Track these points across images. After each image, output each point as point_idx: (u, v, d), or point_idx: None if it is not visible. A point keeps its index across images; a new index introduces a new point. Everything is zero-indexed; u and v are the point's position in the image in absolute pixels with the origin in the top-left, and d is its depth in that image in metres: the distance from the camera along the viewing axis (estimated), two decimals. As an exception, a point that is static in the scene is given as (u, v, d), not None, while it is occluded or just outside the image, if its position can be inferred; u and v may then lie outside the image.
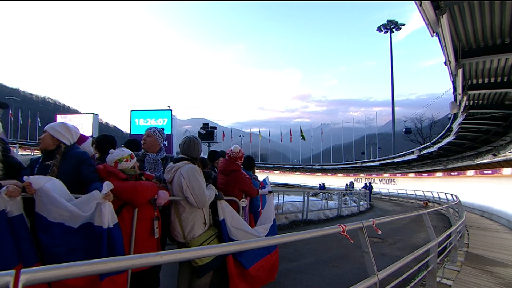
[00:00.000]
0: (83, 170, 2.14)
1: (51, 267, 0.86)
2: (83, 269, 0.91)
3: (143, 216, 2.26)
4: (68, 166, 2.12)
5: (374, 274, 2.10)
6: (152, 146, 2.98)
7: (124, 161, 2.30)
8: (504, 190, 14.54)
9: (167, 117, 29.96)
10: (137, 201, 2.16)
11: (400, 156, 24.03)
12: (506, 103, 8.29)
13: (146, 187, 2.22)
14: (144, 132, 3.02)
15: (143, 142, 3.00)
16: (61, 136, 2.20)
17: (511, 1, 3.82)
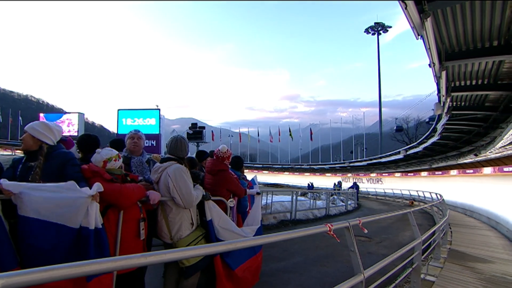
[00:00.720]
0: (68, 170, 2.07)
1: (29, 271, 0.83)
2: (63, 272, 0.89)
3: (129, 217, 2.22)
4: (52, 167, 2.04)
5: (360, 272, 2.13)
6: (140, 149, 2.94)
7: (113, 161, 2.26)
8: (484, 189, 15.04)
9: (155, 117, 29.58)
10: (122, 204, 2.11)
11: (387, 156, 24.49)
12: (486, 105, 8.57)
13: (131, 190, 2.17)
14: (132, 134, 2.92)
15: (134, 144, 2.90)
16: (43, 136, 2.11)
17: (490, 8, 3.95)
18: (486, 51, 5.09)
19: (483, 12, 4.10)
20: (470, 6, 4.00)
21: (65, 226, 1.77)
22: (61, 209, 1.78)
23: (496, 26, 4.40)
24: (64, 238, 1.77)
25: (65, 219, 1.78)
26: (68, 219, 1.79)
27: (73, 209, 1.80)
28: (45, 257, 1.71)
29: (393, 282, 3.66)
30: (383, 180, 28.47)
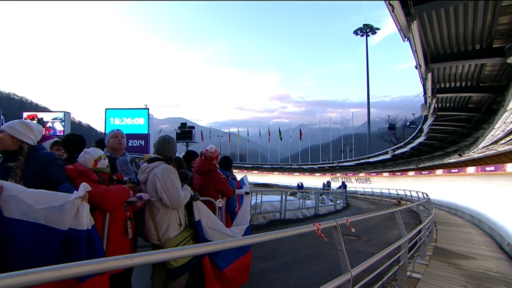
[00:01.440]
0: (50, 171, 2.00)
1: (7, 275, 0.80)
2: (44, 276, 0.86)
3: (116, 217, 2.19)
4: (33, 168, 1.96)
5: (348, 271, 2.16)
6: (124, 148, 2.89)
7: (102, 159, 2.23)
8: (468, 187, 15.48)
9: (143, 116, 29.19)
10: (105, 208, 2.07)
11: (375, 156, 24.89)
12: (470, 106, 8.82)
13: (115, 193, 2.12)
14: (115, 133, 2.84)
15: (119, 143, 2.83)
16: (23, 136, 2.01)
17: (472, 12, 4.07)
18: (469, 54, 5.23)
19: (466, 17, 4.21)
20: (453, 10, 4.10)
21: (53, 228, 1.73)
22: (49, 211, 1.73)
23: (478, 30, 4.53)
24: (52, 240, 1.73)
25: (53, 221, 1.74)
26: (57, 221, 1.74)
27: (62, 211, 1.76)
28: (32, 260, 1.66)
29: (380, 280, 3.72)
30: (372, 180, 28.92)
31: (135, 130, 28.99)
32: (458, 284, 4.24)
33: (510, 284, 4.44)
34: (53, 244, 1.73)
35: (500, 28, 4.39)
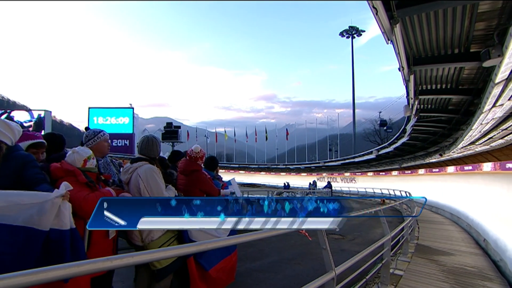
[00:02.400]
0: (27, 171, 1.91)
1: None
2: (20, 280, 0.84)
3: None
4: (9, 169, 1.87)
5: (332, 269, 2.19)
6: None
7: (92, 159, 2.18)
8: (448, 186, 16.02)
9: (128, 116, 28.61)
10: (83, 215, 1.99)
11: (360, 156, 25.34)
12: (450, 108, 9.12)
13: (94, 203, 1.98)
14: (106, 137, 2.73)
15: (108, 148, 2.75)
16: (2, 136, 1.92)
17: (451, 18, 4.21)
18: (448, 58, 5.41)
19: (445, 22, 4.35)
20: (434, 15, 4.23)
21: (33, 229, 1.67)
22: (28, 211, 1.67)
23: (456, 35, 4.70)
24: (32, 242, 1.67)
25: (33, 222, 1.67)
26: (37, 221, 1.68)
27: (42, 211, 1.70)
28: (12, 263, 1.60)
29: (364, 278, 3.79)
30: (357, 179, 29.40)
31: (120, 130, 28.40)
32: (438, 279, 4.38)
33: (484, 278, 4.64)
34: (34, 246, 1.68)
35: (477, 33, 4.57)
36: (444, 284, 4.23)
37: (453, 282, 4.32)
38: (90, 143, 2.60)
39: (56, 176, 2.04)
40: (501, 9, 3.85)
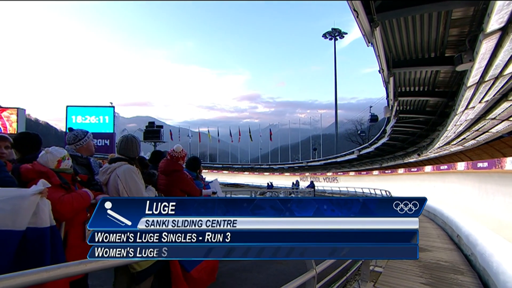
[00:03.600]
0: None
1: None
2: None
3: (75, 221, 2.06)
4: None
5: (312, 268, 2.22)
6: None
7: (66, 159, 2.08)
8: (425, 185, 16.66)
9: (108, 115, 27.76)
10: (57, 219, 1.89)
11: (342, 156, 25.83)
12: (427, 110, 9.47)
13: (69, 204, 1.94)
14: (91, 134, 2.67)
15: (95, 146, 2.70)
16: None
17: (428, 23, 4.38)
18: (425, 61, 5.62)
19: (422, 27, 4.52)
20: (412, 20, 4.38)
21: (6, 231, 1.58)
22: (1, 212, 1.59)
23: (432, 40, 4.89)
24: (7, 244, 1.58)
25: (6, 223, 1.59)
26: (11, 222, 1.60)
27: (16, 210, 1.61)
28: None
29: (345, 275, 3.87)
30: (339, 179, 29.94)
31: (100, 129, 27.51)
32: (415, 275, 4.54)
33: (457, 271, 4.86)
34: (9, 248, 1.59)
35: (451, 39, 4.78)
36: (420, 279, 4.39)
37: (429, 276, 4.50)
38: (81, 143, 2.53)
39: (27, 178, 1.94)
40: (472, 16, 4.04)
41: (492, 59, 3.71)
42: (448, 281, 4.45)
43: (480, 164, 9.84)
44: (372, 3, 3.78)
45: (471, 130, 8.93)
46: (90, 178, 2.44)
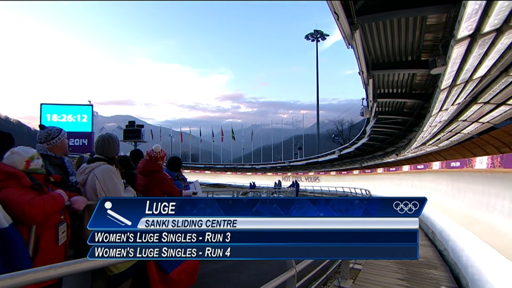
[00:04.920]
0: None
1: None
2: None
3: (48, 223, 1.96)
4: None
5: (292, 267, 2.24)
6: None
7: (36, 159, 1.96)
8: (403, 183, 17.24)
9: (86, 113, 26.78)
10: (26, 222, 1.80)
11: (323, 156, 26.31)
12: (405, 111, 9.82)
13: (40, 207, 1.81)
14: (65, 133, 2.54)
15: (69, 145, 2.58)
16: None
17: (405, 27, 4.55)
18: (403, 64, 5.83)
19: (399, 31, 4.69)
20: (390, 24, 4.54)
21: None
22: None
23: (409, 44, 5.08)
24: None
25: None
26: None
27: None
28: None
29: (325, 274, 3.94)
30: (320, 179, 30.39)
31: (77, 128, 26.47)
32: (392, 270, 4.69)
33: (431, 266, 5.08)
34: None
35: (426, 43, 4.99)
36: (397, 274, 4.54)
37: (405, 272, 4.66)
38: (55, 141, 2.40)
39: None
40: (445, 23, 4.24)
41: (462, 64, 3.90)
42: (423, 276, 4.62)
43: (453, 163, 10.30)
44: (352, 7, 3.88)
45: (445, 131, 9.35)
46: (65, 178, 2.34)
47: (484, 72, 4.39)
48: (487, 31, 2.99)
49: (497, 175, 7.50)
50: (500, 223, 7.01)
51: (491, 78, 4.95)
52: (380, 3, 4.10)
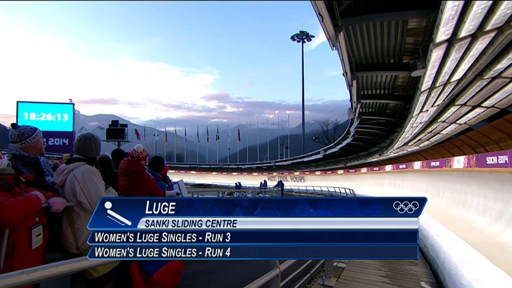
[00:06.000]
0: None
1: None
2: None
3: (22, 226, 1.88)
4: None
5: (276, 266, 2.25)
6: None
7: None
8: (386, 183, 17.67)
9: (67, 112, 25.95)
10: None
11: (309, 155, 26.59)
12: (387, 112, 10.06)
13: (13, 209, 1.73)
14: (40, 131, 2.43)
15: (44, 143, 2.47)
16: None
17: (387, 31, 4.67)
18: (386, 66, 5.98)
19: (382, 34, 4.80)
20: (373, 27, 4.64)
21: None
22: None
23: (391, 47, 5.21)
24: None
25: None
26: None
27: None
28: None
29: (309, 272, 3.98)
30: (306, 178, 30.65)
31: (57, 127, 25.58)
32: (375, 268, 4.79)
33: (411, 263, 5.24)
34: None
35: (407, 46, 5.13)
36: (380, 272, 4.65)
37: (387, 269, 4.77)
38: (28, 141, 2.30)
39: None
40: (425, 27, 4.38)
41: (441, 67, 4.04)
42: (404, 272, 4.75)
43: (433, 163, 10.66)
44: (336, 8, 3.94)
45: (425, 132, 9.66)
46: (40, 179, 2.25)
47: (461, 75, 4.57)
48: (463, 36, 3.11)
49: (473, 174, 7.82)
50: (476, 220, 7.32)
51: (467, 81, 5.16)
52: (363, 6, 4.19)
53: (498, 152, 6.36)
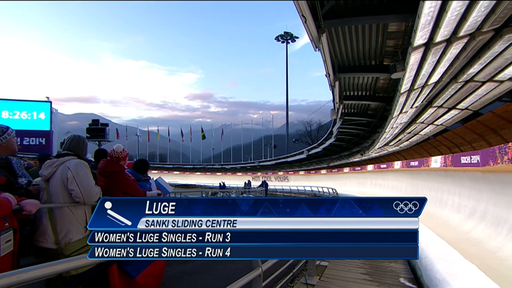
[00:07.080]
0: None
1: None
2: None
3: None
4: None
5: (258, 266, 2.26)
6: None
7: None
8: (368, 182, 18.11)
9: (44, 110, 24.89)
10: None
11: (292, 155, 26.81)
12: (369, 113, 10.30)
13: None
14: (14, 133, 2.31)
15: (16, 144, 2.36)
16: None
17: (368, 33, 4.78)
18: (367, 68, 6.12)
19: (364, 36, 4.91)
20: (355, 29, 4.74)
21: None
22: None
23: (373, 49, 5.34)
24: None
25: None
26: None
27: None
28: None
29: (291, 272, 4.01)
30: (289, 178, 30.88)
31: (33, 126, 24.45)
32: (356, 266, 4.90)
33: (391, 261, 5.38)
34: None
35: (388, 49, 5.28)
36: (361, 269, 4.75)
37: (368, 267, 4.89)
38: None
39: None
40: (404, 31, 4.52)
41: (419, 70, 4.19)
42: (384, 269, 4.89)
43: (413, 163, 11.02)
44: (319, 10, 4.00)
45: (405, 133, 9.97)
46: (12, 181, 2.16)
47: (437, 78, 4.75)
48: (439, 41, 3.24)
49: (449, 173, 8.14)
50: (451, 217, 7.64)
51: (443, 84, 5.37)
52: (345, 8, 4.27)
53: (471, 152, 6.64)
